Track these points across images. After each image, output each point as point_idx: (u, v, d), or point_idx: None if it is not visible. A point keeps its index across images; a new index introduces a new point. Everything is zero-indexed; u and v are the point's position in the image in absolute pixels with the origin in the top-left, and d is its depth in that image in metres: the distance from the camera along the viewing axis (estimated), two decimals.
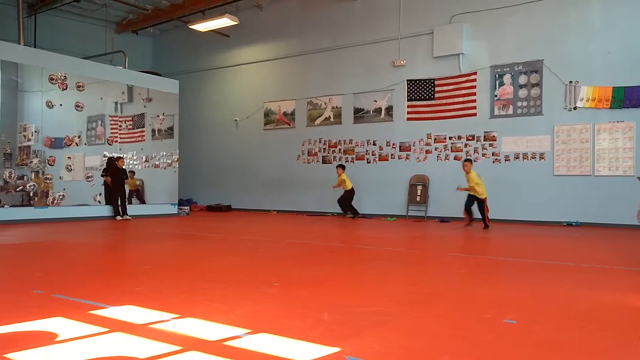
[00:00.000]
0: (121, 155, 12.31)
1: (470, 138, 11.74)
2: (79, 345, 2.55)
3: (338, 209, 13.44)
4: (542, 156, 10.93)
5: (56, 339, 2.63)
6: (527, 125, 11.09)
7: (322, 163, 13.91)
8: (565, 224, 10.55)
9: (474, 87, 11.65)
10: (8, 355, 2.35)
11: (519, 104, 11.20)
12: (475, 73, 11.64)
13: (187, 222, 11.35)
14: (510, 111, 11.29)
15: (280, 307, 3.39)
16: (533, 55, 11.02)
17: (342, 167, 12.74)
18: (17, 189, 10.87)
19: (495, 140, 11.46)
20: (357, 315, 3.19)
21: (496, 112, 11.45)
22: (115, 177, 11.83)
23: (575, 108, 10.60)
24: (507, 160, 11.31)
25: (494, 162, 11.46)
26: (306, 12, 14.26)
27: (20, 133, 11.16)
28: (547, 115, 10.88)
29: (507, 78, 11.32)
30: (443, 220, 11.65)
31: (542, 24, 10.98)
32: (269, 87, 15.04)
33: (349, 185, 12.51)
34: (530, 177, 11.01)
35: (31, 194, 11.01)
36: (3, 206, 10.42)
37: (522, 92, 11.16)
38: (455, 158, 11.92)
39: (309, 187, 14.06)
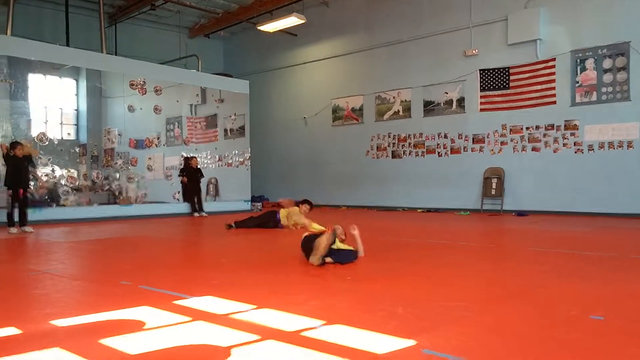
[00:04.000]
0: (194, 155, 12.80)
1: (550, 127, 11.17)
2: (165, 332, 2.68)
3: (408, 204, 13.26)
4: (630, 144, 10.20)
5: (144, 327, 2.78)
6: (613, 112, 10.39)
7: (392, 158, 13.76)
8: None
9: (553, 74, 11.06)
10: (102, 341, 2.51)
11: (604, 89, 10.51)
12: (554, 59, 11.05)
13: None
14: (594, 98, 10.62)
15: (354, 301, 3.39)
16: (618, 37, 10.29)
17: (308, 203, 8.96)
18: (104, 189, 11.61)
19: (577, 129, 10.83)
20: (433, 310, 3.13)
21: (578, 100, 10.82)
22: (190, 177, 12.32)
23: None
24: (591, 150, 10.66)
25: (576, 152, 10.84)
26: (373, 6, 14.14)
27: (105, 136, 11.90)
28: (636, 101, 10.13)
29: (589, 63, 10.66)
30: (520, 213, 11.18)
31: (626, 3, 10.24)
32: (336, 83, 15.07)
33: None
34: (618, 167, 10.31)
35: (116, 193, 11.70)
36: (92, 205, 11.15)
37: (607, 77, 10.46)
38: (534, 149, 11.41)
39: (378, 182, 13.96)
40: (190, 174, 12.34)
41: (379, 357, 2.27)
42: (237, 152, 14.26)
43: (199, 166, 12.68)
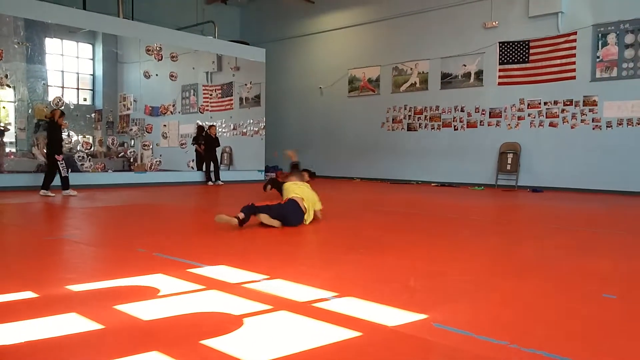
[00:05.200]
0: (214, 124, 12.77)
1: (568, 103, 10.96)
2: (179, 300, 2.72)
3: (422, 177, 13.20)
4: None
5: (159, 294, 2.82)
6: (634, 88, 10.15)
7: (407, 130, 13.65)
8: None
9: (574, 48, 10.79)
10: (117, 307, 2.56)
11: (625, 65, 10.24)
12: (575, 33, 10.76)
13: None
14: (614, 73, 10.37)
15: (366, 273, 3.41)
16: None
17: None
18: (119, 155, 11.69)
19: (596, 105, 10.61)
20: (445, 283, 3.14)
21: (598, 75, 10.56)
22: (208, 145, 12.29)
23: None
24: (609, 127, 10.46)
25: (594, 128, 10.66)
26: None
27: (121, 102, 11.92)
28: None
29: (611, 38, 10.37)
30: (536, 190, 11.08)
31: None
32: (353, 53, 14.86)
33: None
34: (636, 144, 10.13)
35: (131, 160, 11.79)
36: (107, 171, 11.25)
37: (629, 53, 10.18)
38: (551, 124, 11.23)
39: (393, 154, 13.89)
40: (209, 142, 12.31)
41: (390, 330, 2.28)
42: (252, 121, 14.23)
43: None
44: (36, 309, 2.55)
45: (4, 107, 10.08)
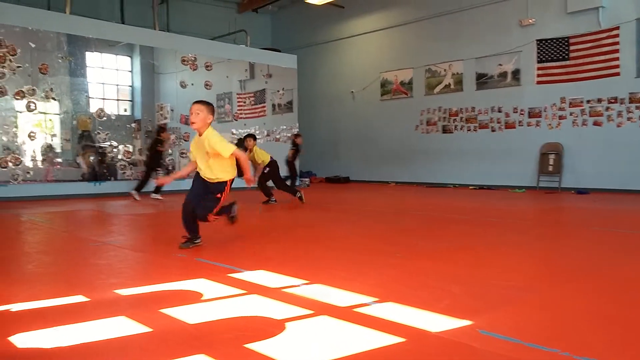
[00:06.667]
0: (300, 133, 12.34)
1: (613, 101, 10.60)
2: (222, 304, 2.76)
3: (459, 180, 13.01)
4: None
5: (202, 298, 2.87)
6: None
7: (443, 133, 13.47)
8: None
9: (617, 43, 10.44)
10: (164, 311, 2.62)
11: None
12: (617, 28, 10.41)
13: (308, 194, 11.67)
14: None
15: (405, 278, 3.37)
16: None
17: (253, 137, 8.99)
18: None
19: None
20: (488, 289, 3.07)
21: None
22: (296, 153, 11.68)
23: None
24: None
25: None
26: None
27: (158, 112, 12.19)
28: None
29: None
30: (581, 191, 10.73)
31: None
32: (385, 56, 14.79)
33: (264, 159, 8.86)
34: None
35: (169, 168, 12.02)
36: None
37: None
38: (595, 123, 10.88)
39: (428, 157, 13.73)
40: (297, 151, 11.68)
41: (434, 336, 2.25)
42: (285, 127, 14.33)
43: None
44: (88, 312, 2.63)
45: (50, 120, 10.47)
